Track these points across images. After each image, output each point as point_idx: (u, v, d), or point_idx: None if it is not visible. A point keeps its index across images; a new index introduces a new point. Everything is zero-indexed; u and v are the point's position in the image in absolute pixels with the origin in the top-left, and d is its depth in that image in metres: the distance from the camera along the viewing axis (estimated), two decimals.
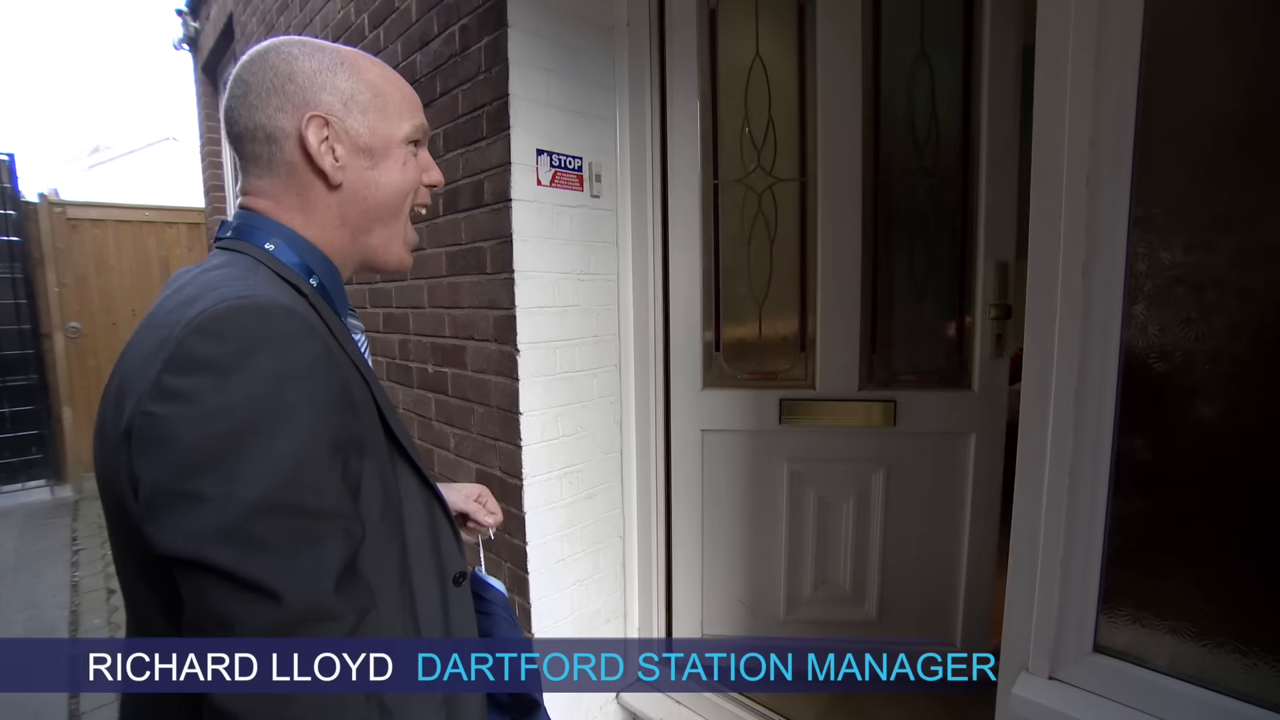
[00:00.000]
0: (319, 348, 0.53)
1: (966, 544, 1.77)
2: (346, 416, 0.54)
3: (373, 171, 0.65)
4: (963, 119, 1.68)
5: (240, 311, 0.50)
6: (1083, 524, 1.04)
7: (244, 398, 0.48)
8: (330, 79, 0.63)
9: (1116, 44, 0.94)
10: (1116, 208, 0.97)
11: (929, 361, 1.77)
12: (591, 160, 1.62)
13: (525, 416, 1.54)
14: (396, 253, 0.71)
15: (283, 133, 0.61)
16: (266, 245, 0.62)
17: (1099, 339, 1.00)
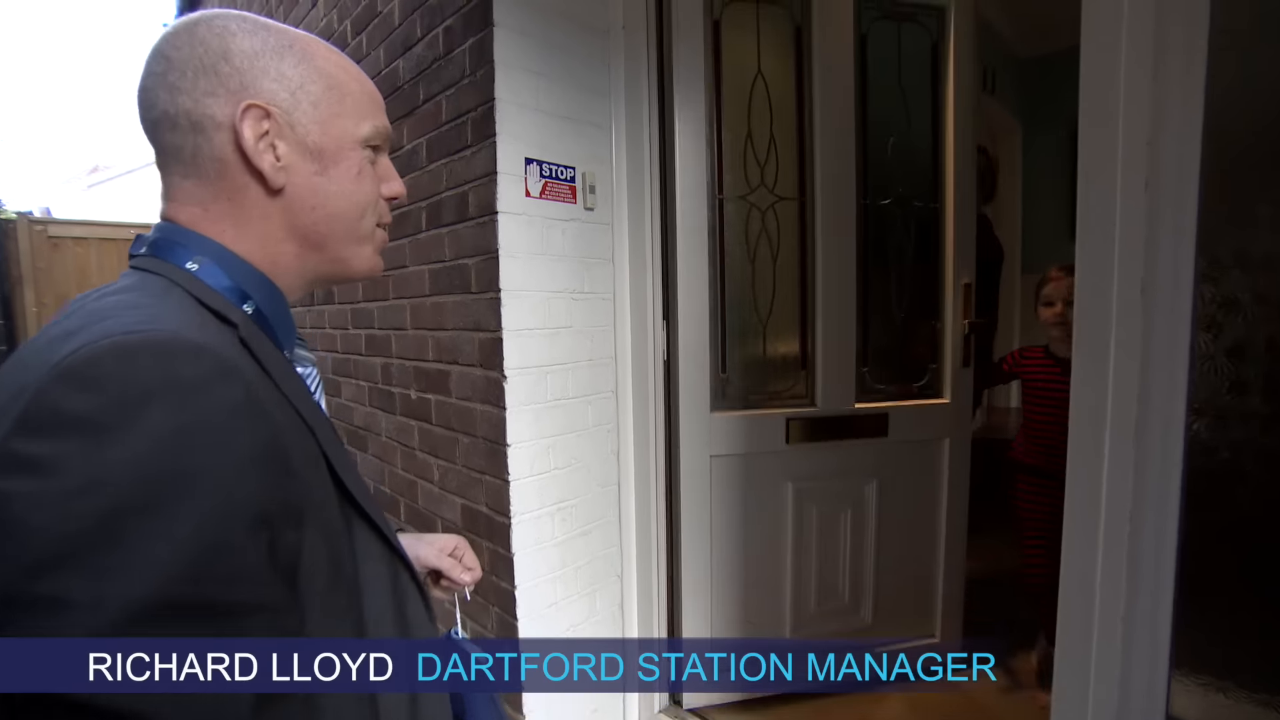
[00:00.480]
0: (235, 394, 0.41)
1: (943, 542, 1.91)
2: (275, 478, 0.43)
3: (321, 178, 0.54)
4: (932, 151, 1.84)
5: (126, 351, 0.38)
6: (1147, 575, 0.90)
7: (126, 466, 0.36)
8: (275, 63, 0.52)
9: (1181, 21, 0.83)
10: (1182, 216, 0.85)
11: (909, 375, 1.87)
12: (585, 170, 1.51)
13: (513, 448, 1.40)
14: (364, 260, 0.60)
15: (212, 122, 0.50)
16: (188, 265, 0.50)
17: (1163, 365, 0.87)
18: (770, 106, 1.72)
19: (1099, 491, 0.93)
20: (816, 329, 1.77)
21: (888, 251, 1.83)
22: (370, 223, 0.59)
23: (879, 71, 1.78)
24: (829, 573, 1.84)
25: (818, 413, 1.77)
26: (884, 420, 1.81)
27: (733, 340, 1.75)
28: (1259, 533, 0.86)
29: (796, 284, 1.78)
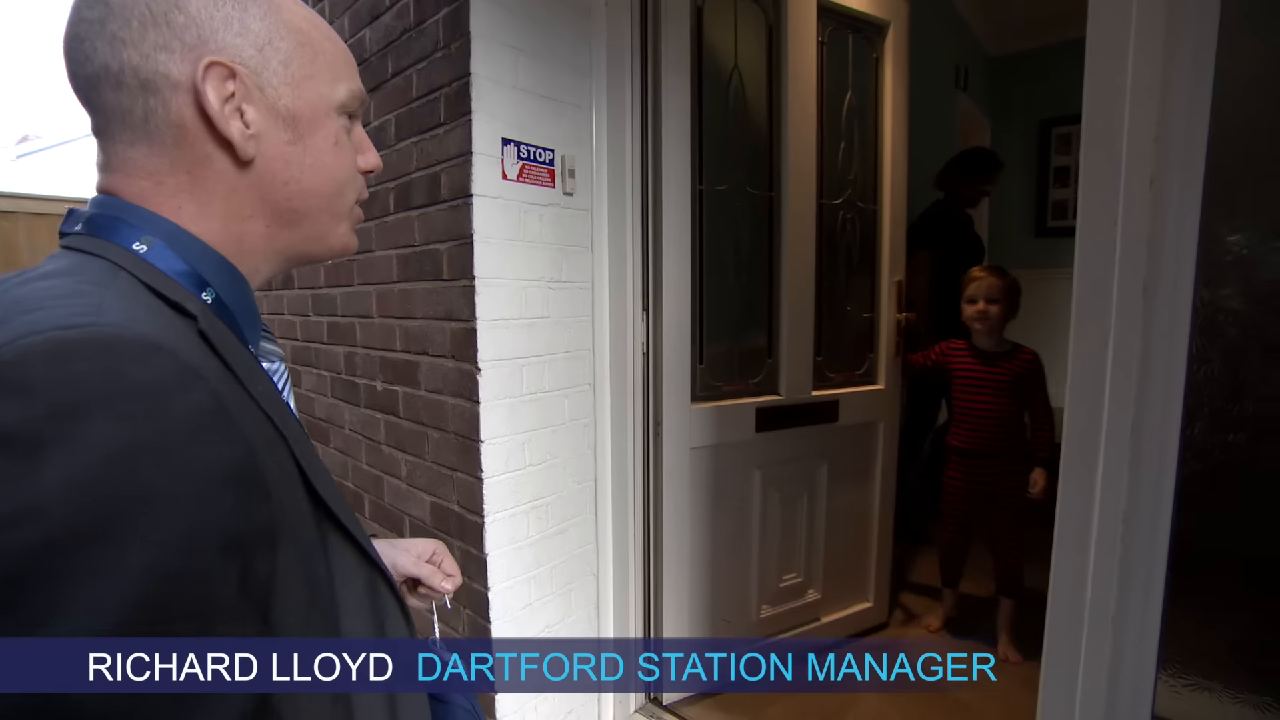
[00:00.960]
0: (198, 402, 0.34)
1: (877, 516, 2.10)
2: (249, 500, 0.36)
3: (295, 147, 0.48)
4: (873, 159, 1.99)
5: (62, 350, 0.32)
6: (1139, 576, 0.90)
7: (63, 489, 0.29)
8: (238, 14, 0.45)
9: (1193, 18, 0.81)
10: (1186, 215, 0.83)
11: (853, 364, 2.03)
12: (565, 153, 1.43)
13: (487, 444, 1.34)
14: (340, 238, 0.53)
15: (166, 81, 0.43)
16: (135, 246, 0.43)
17: (1162, 367, 0.86)
18: (745, 100, 1.73)
19: (1093, 492, 0.92)
20: (781, 320, 1.83)
21: (837, 249, 1.95)
22: (350, 198, 0.53)
23: (833, 79, 1.87)
24: (788, 551, 1.94)
25: (782, 401, 1.84)
26: (835, 406, 1.93)
27: (710, 332, 1.74)
28: (1249, 535, 0.86)
29: (764, 276, 1.83)
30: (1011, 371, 1.92)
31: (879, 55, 1.96)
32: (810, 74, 1.79)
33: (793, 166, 1.78)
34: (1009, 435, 1.95)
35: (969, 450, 2.01)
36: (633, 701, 1.72)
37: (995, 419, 1.95)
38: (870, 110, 1.96)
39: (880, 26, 1.94)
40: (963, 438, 2.02)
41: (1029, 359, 1.92)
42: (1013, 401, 1.93)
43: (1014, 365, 1.92)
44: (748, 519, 1.85)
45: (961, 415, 2.02)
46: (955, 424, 2.05)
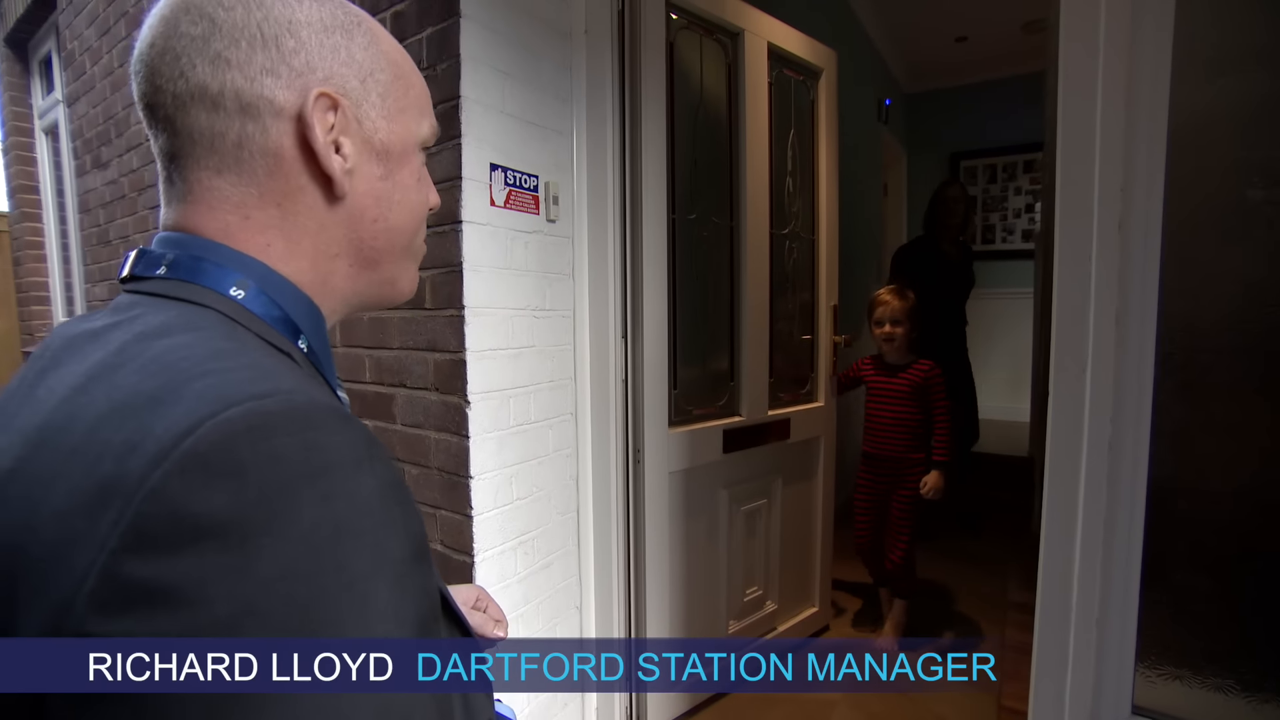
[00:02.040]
0: (387, 475, 0.33)
1: (820, 525, 2.23)
2: (428, 574, 0.35)
3: (386, 183, 0.46)
4: (812, 192, 2.14)
5: (268, 425, 0.29)
6: (1119, 580, 0.99)
7: (280, 582, 0.27)
8: (345, 42, 0.43)
9: (1148, 83, 0.92)
10: (1149, 253, 0.94)
11: (798, 383, 2.15)
12: (549, 179, 1.42)
13: (477, 480, 1.28)
14: (409, 281, 0.51)
15: (270, 107, 0.40)
16: (232, 291, 0.40)
17: (1133, 386, 0.96)
18: (709, 133, 1.81)
19: (1076, 504, 1.00)
20: (742, 344, 1.90)
21: (785, 276, 2.07)
22: (421, 238, 0.52)
23: (779, 117, 1.99)
24: (750, 566, 2.01)
25: (744, 422, 1.91)
26: (787, 425, 2.04)
27: (682, 358, 1.78)
28: (1210, 533, 0.97)
29: (727, 302, 1.90)
30: (911, 381, 2.09)
31: (815, 99, 2.13)
32: (763, 111, 1.90)
33: (750, 198, 1.88)
34: (910, 439, 2.11)
35: (875, 454, 2.16)
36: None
37: (897, 424, 2.12)
38: (809, 148, 2.11)
39: (816, 72, 2.11)
40: (874, 443, 2.17)
41: (926, 368, 2.09)
42: (913, 408, 2.10)
43: (913, 375, 2.10)
44: (717, 538, 1.89)
45: (871, 423, 2.18)
46: (866, 432, 2.21)
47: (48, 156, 3.49)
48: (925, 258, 2.84)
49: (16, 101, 3.52)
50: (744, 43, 1.82)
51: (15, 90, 3.51)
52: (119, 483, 0.27)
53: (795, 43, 1.98)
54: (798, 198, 2.08)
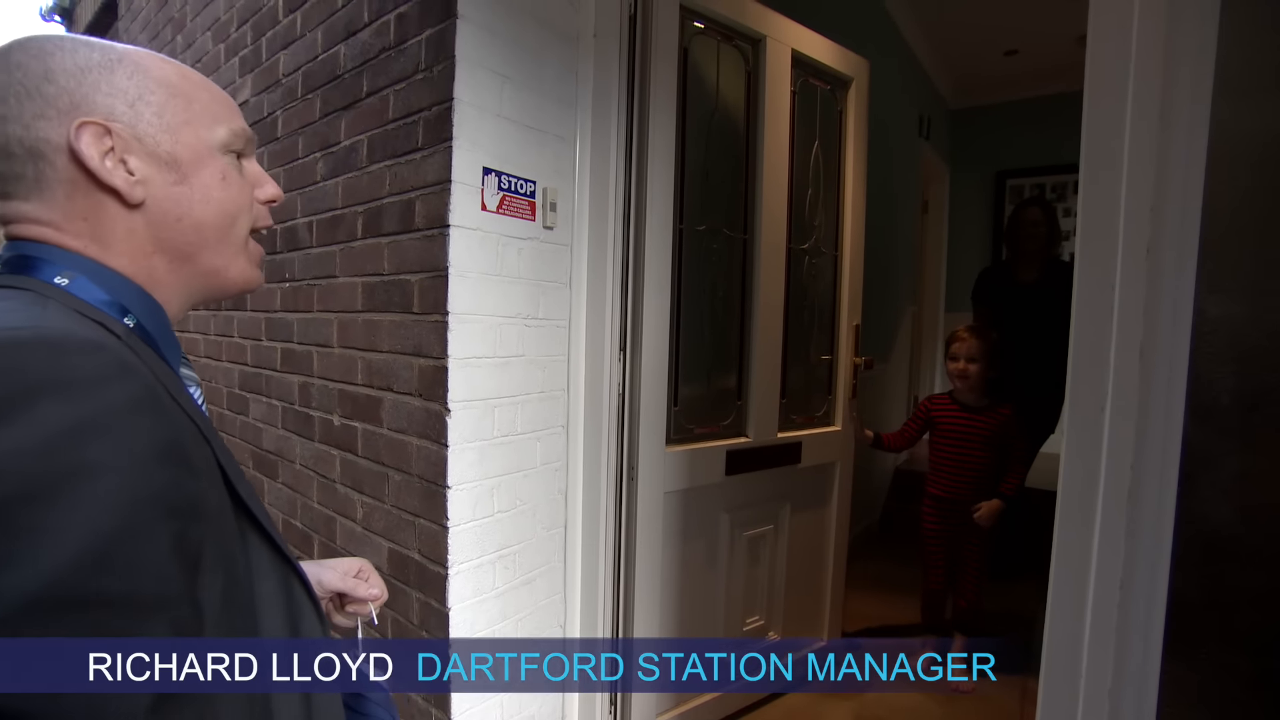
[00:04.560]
0: (137, 389, 0.40)
1: (832, 555, 2.13)
2: (179, 475, 0.41)
3: (181, 187, 0.52)
4: (836, 207, 2.05)
5: (13, 346, 0.37)
6: (1137, 650, 0.88)
7: (15, 458, 0.35)
8: (105, 77, 0.49)
9: (1186, 98, 0.82)
10: (1181, 281, 0.84)
11: (812, 406, 2.06)
12: (546, 185, 1.38)
13: (454, 490, 1.25)
14: (240, 272, 0.57)
15: (49, 145, 0.48)
16: (56, 280, 0.47)
17: (1159, 431, 0.85)
18: (725, 143, 1.75)
19: (1088, 560, 0.90)
20: (751, 362, 1.83)
21: (803, 293, 1.99)
22: (243, 229, 0.57)
23: (802, 128, 1.92)
24: (752, 595, 1.93)
25: (750, 444, 1.82)
26: (798, 448, 1.94)
27: (684, 374, 1.71)
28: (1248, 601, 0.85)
29: (737, 318, 1.83)
30: (991, 426, 1.99)
31: (843, 109, 2.04)
32: (784, 121, 1.83)
33: (766, 210, 1.81)
34: (984, 484, 2.01)
35: (947, 498, 2.05)
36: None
37: (975, 469, 2.01)
38: (835, 161, 2.03)
39: (845, 82, 2.03)
40: (943, 486, 2.07)
41: (1007, 414, 2.01)
42: (988, 454, 2.00)
43: (994, 419, 2.00)
44: (716, 564, 1.81)
45: (941, 464, 2.07)
46: (934, 472, 2.09)
47: None
48: (999, 285, 2.66)
49: None
50: (765, 49, 1.75)
51: None
52: None
53: (822, 50, 1.91)
54: (820, 211, 1.99)
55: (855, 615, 2.45)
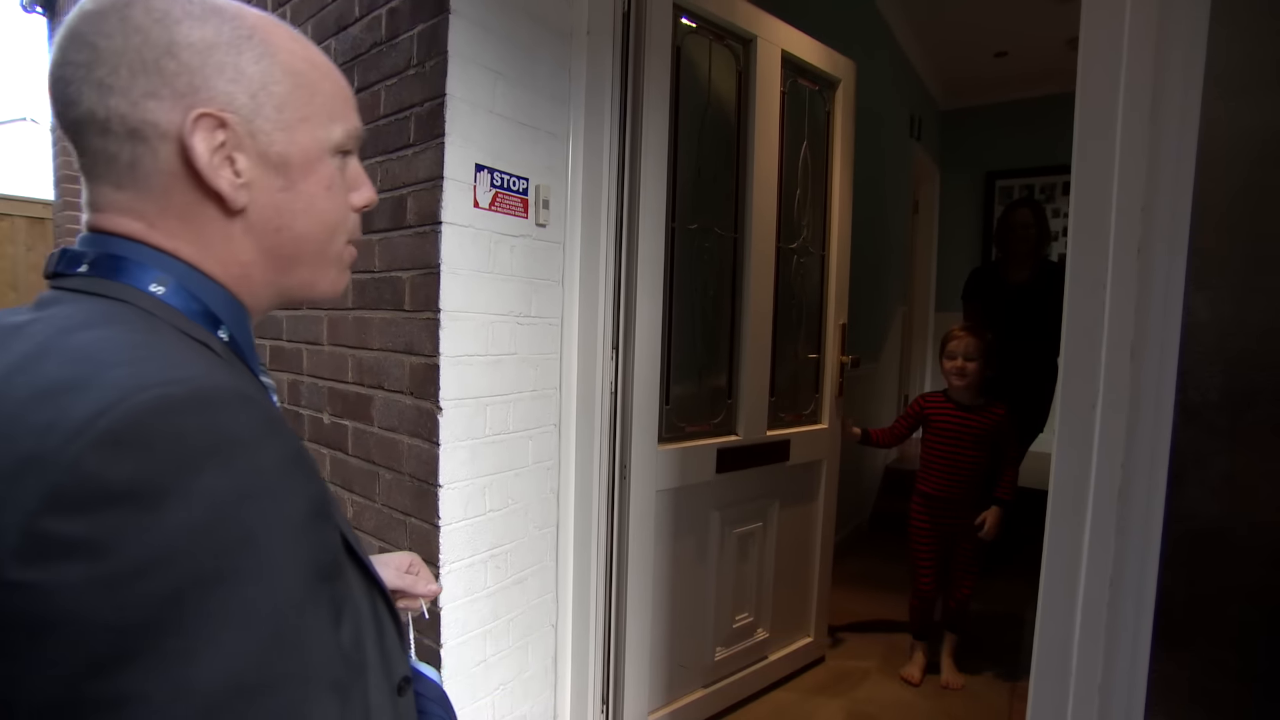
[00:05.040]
0: (287, 446, 0.37)
1: (819, 552, 2.14)
2: (327, 530, 0.39)
3: (287, 194, 0.47)
4: (823, 207, 2.06)
5: (172, 407, 0.33)
6: (1127, 646, 0.89)
7: (187, 536, 0.32)
8: (233, 58, 0.43)
9: (1177, 97, 0.83)
10: (1172, 280, 0.84)
11: (800, 404, 2.06)
12: (539, 182, 1.38)
13: (446, 489, 1.24)
14: (330, 283, 0.53)
15: (155, 130, 0.42)
16: (151, 288, 0.43)
17: (1149, 429, 0.86)
18: (716, 141, 1.74)
19: (1079, 556, 0.90)
20: (742, 360, 1.83)
21: (791, 292, 1.99)
22: (341, 241, 0.52)
23: (791, 128, 1.91)
24: (741, 592, 1.92)
25: (740, 442, 1.82)
26: (787, 446, 1.95)
27: (676, 372, 1.71)
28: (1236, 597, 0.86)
29: (727, 316, 1.83)
30: (986, 425, 1.99)
31: (830, 110, 2.05)
32: (774, 121, 1.83)
33: (756, 210, 1.81)
34: (976, 483, 2.01)
35: (938, 496, 2.05)
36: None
37: (967, 468, 2.00)
38: (822, 161, 2.03)
39: (833, 83, 2.03)
40: (934, 484, 2.06)
41: (1000, 414, 2.01)
42: (981, 453, 2.00)
43: (989, 419, 2.00)
44: (706, 562, 1.81)
45: (933, 462, 2.06)
46: (925, 470, 2.09)
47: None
48: (989, 285, 2.68)
49: None
50: (757, 50, 1.76)
51: None
52: (39, 456, 0.31)
53: (812, 52, 1.91)
54: (808, 211, 2.00)
55: (843, 612, 2.46)
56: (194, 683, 0.31)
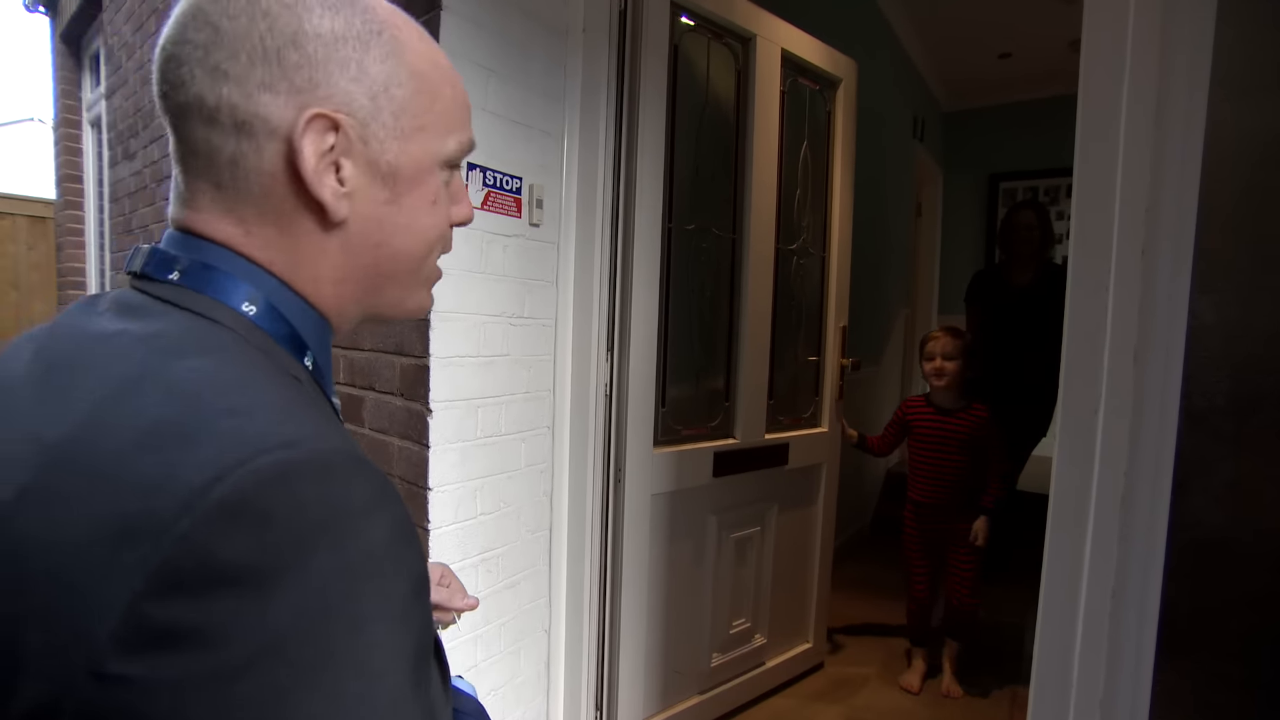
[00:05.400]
0: (396, 516, 0.34)
1: (818, 557, 2.11)
2: (426, 608, 0.37)
3: (391, 207, 0.43)
4: (824, 208, 2.03)
5: (296, 475, 0.30)
6: (1130, 657, 0.86)
7: (296, 623, 0.29)
8: (359, 54, 0.40)
9: (1182, 95, 0.80)
10: (1177, 283, 0.82)
11: (799, 407, 2.03)
12: (533, 182, 1.36)
13: (435, 493, 1.22)
14: (418, 303, 0.50)
15: (265, 126, 0.38)
16: (244, 307, 0.39)
17: (1153, 436, 0.84)
18: (714, 141, 1.72)
19: (1081, 566, 0.88)
20: (740, 362, 1.80)
21: (790, 293, 1.96)
22: (435, 259, 0.48)
23: (791, 127, 1.89)
24: (739, 597, 1.90)
25: (738, 445, 1.80)
26: (785, 450, 1.92)
27: (672, 374, 1.69)
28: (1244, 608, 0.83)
29: (725, 318, 1.81)
30: (968, 428, 1.95)
31: (831, 110, 2.02)
32: (773, 120, 1.80)
33: (755, 210, 1.78)
34: (964, 488, 1.97)
35: (927, 503, 2.02)
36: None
37: (953, 473, 1.97)
38: (823, 161, 2.01)
39: (834, 82, 2.01)
40: (922, 491, 2.02)
41: (983, 415, 1.96)
42: (966, 456, 1.96)
43: (970, 421, 1.96)
44: (703, 566, 1.79)
45: (919, 468, 2.03)
46: (913, 477, 2.05)
47: (92, 147, 3.63)
48: (993, 288, 2.65)
49: (68, 95, 3.67)
50: (756, 48, 1.74)
51: (68, 84, 3.67)
52: (146, 523, 0.28)
53: (812, 51, 1.89)
54: (808, 212, 1.98)
55: (843, 617, 2.44)
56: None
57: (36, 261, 4.04)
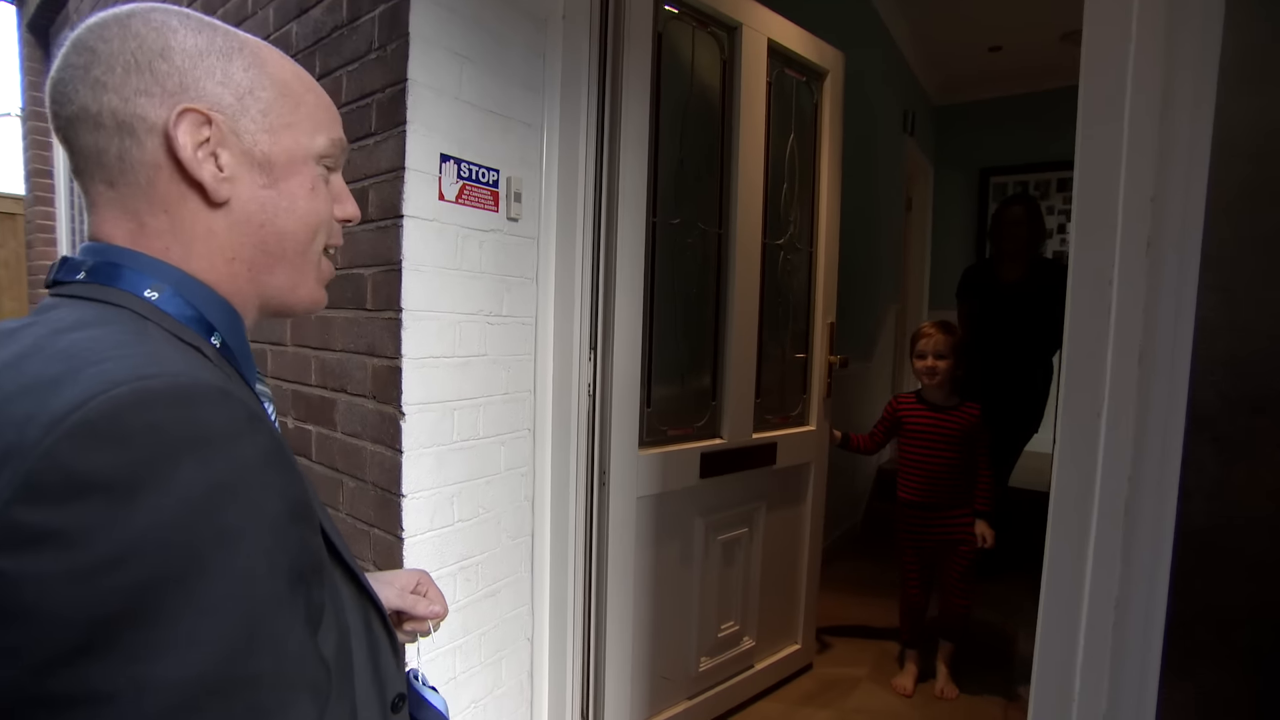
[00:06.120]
0: (267, 442, 0.37)
1: (806, 557, 2.08)
2: (306, 532, 0.40)
3: (269, 191, 0.49)
4: (811, 203, 1.99)
5: (150, 399, 0.33)
6: (1133, 672, 0.82)
7: (160, 530, 0.31)
8: (221, 64, 0.47)
9: (1190, 75, 0.76)
10: (1184, 278, 0.78)
11: (787, 405, 1.99)
12: (511, 174, 1.30)
13: (409, 499, 1.17)
14: (309, 293, 0.54)
15: (143, 124, 0.44)
16: (146, 293, 0.44)
17: (1158, 439, 0.80)
18: (699, 133, 1.67)
19: (1083, 576, 0.84)
20: (726, 361, 1.76)
21: (778, 289, 1.92)
22: (320, 244, 0.53)
23: (778, 120, 1.85)
24: (727, 600, 1.86)
25: (725, 445, 1.76)
26: (773, 449, 1.88)
27: (657, 374, 1.64)
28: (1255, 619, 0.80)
29: (711, 315, 1.77)
30: (960, 425, 1.92)
31: (818, 102, 1.98)
32: (760, 112, 1.76)
33: (741, 204, 1.74)
34: (956, 486, 1.94)
35: (920, 502, 1.98)
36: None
37: (945, 471, 1.93)
38: (810, 155, 1.96)
39: (821, 74, 1.97)
40: (913, 489, 1.99)
41: (975, 412, 1.93)
42: (958, 454, 1.93)
43: (962, 418, 1.93)
44: (690, 570, 1.75)
45: (911, 467, 1.99)
46: (904, 476, 2.02)
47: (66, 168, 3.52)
48: (983, 283, 2.63)
49: (36, 87, 3.55)
50: (741, 38, 1.69)
51: (35, 75, 3.55)
52: (16, 447, 0.31)
53: (799, 41, 1.84)
54: (795, 206, 1.93)
55: (833, 618, 2.41)
56: (161, 679, 0.31)
57: (6, 259, 3.94)
